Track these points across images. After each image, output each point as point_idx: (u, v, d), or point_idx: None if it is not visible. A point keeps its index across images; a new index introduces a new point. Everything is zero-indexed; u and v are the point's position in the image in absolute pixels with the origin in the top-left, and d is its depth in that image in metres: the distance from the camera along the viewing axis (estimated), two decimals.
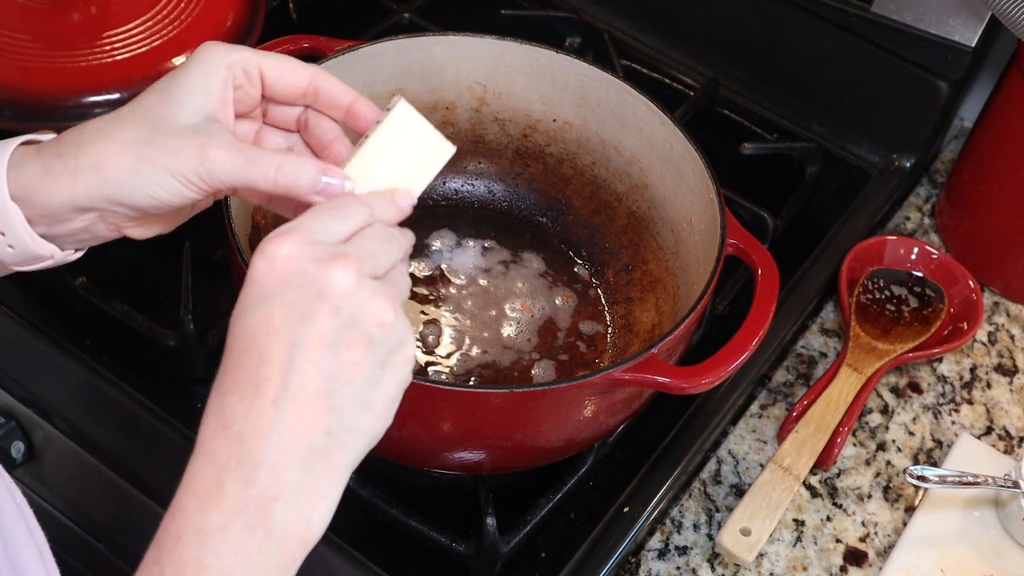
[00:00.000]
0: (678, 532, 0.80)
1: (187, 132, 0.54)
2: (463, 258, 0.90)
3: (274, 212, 0.63)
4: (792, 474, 0.81)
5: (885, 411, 0.90)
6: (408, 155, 0.59)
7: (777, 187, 1.01)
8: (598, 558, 0.76)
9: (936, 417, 0.91)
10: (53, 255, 0.58)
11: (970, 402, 0.92)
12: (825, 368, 0.92)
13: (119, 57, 0.93)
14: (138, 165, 0.53)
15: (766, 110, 1.10)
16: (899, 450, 0.88)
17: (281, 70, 0.58)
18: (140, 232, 0.60)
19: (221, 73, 0.55)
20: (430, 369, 0.82)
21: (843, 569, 0.80)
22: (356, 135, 0.60)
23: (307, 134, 0.61)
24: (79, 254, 0.61)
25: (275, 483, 0.47)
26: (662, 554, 0.79)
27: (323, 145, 0.60)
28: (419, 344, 0.83)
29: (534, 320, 0.86)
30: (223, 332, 0.51)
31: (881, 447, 0.88)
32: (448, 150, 0.61)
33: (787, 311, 0.92)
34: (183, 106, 0.54)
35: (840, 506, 0.84)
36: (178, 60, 0.94)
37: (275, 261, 0.49)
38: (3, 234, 0.56)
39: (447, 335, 0.84)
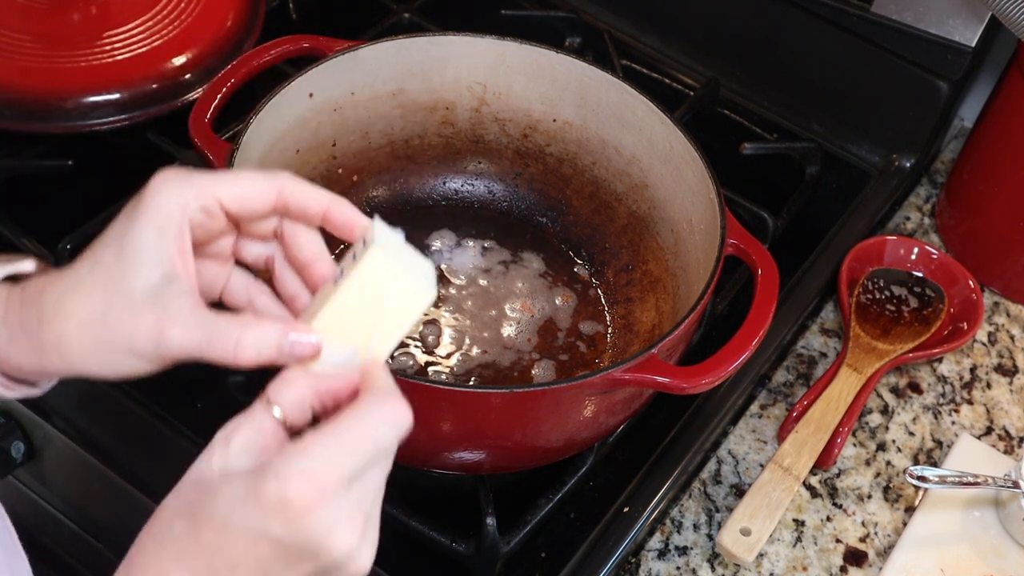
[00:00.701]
0: (678, 532, 0.80)
1: (144, 304, 0.51)
2: (463, 258, 0.90)
3: None
4: (792, 474, 0.81)
5: (885, 411, 0.90)
6: (388, 295, 0.54)
7: (777, 187, 1.01)
8: (598, 558, 0.76)
9: (936, 417, 0.91)
10: (26, 394, 0.57)
11: (970, 402, 0.92)
12: (825, 368, 0.92)
13: (119, 57, 0.93)
14: (97, 348, 0.52)
15: (766, 110, 1.10)
16: (899, 450, 0.88)
17: (243, 196, 0.53)
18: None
19: (175, 219, 0.51)
20: (430, 369, 0.82)
21: (843, 569, 0.80)
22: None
23: (286, 247, 0.57)
24: (54, 382, 0.59)
25: None
26: (662, 554, 0.79)
27: (303, 265, 0.57)
28: (419, 344, 0.83)
29: (534, 320, 0.86)
30: None
31: (881, 447, 0.88)
32: (429, 286, 0.55)
33: (787, 311, 0.92)
34: (139, 265, 0.51)
35: (840, 506, 0.84)
36: (178, 60, 0.94)
37: (288, 508, 0.46)
38: None
39: (447, 335, 0.84)
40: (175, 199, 0.51)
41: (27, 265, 0.56)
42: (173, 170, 0.53)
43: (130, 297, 0.51)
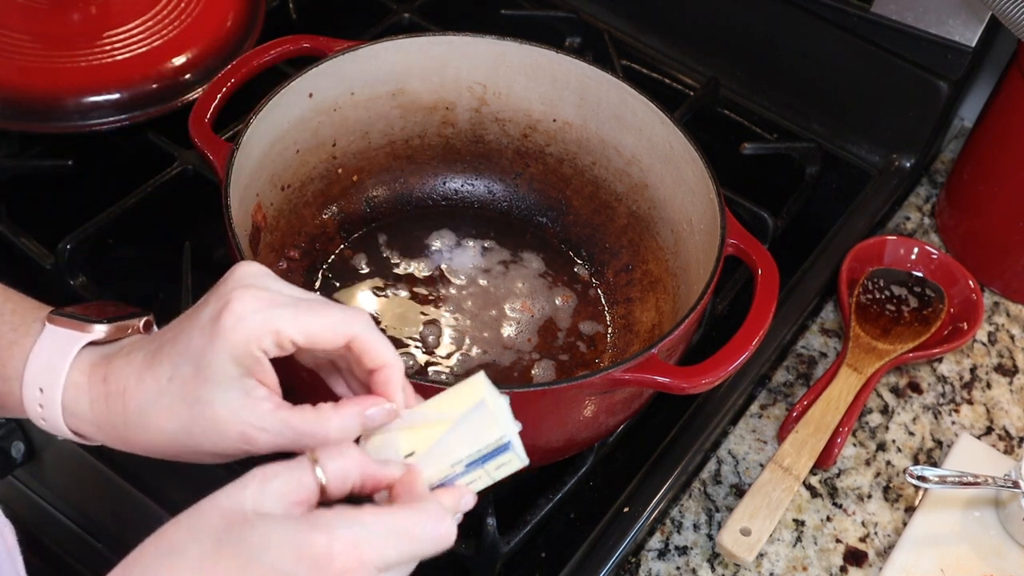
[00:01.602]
0: (678, 532, 0.80)
1: (227, 419, 0.52)
2: (463, 258, 0.90)
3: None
4: (792, 474, 0.81)
5: (885, 411, 0.90)
6: (467, 419, 0.54)
7: (777, 187, 1.01)
8: (598, 558, 0.76)
9: (936, 417, 0.91)
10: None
11: (970, 402, 0.92)
12: (825, 368, 0.92)
13: (119, 57, 0.93)
14: (183, 453, 0.55)
15: (766, 110, 1.10)
16: (899, 450, 0.88)
17: (317, 337, 0.53)
18: None
19: (251, 353, 0.52)
20: (430, 369, 0.82)
21: (843, 569, 0.80)
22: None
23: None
24: None
25: None
26: (662, 554, 0.79)
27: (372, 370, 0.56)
28: (419, 344, 0.83)
29: (534, 320, 0.86)
30: None
31: (881, 447, 0.88)
32: (505, 436, 0.54)
33: (787, 311, 0.92)
34: (217, 386, 0.52)
35: (840, 506, 0.84)
36: (178, 60, 0.94)
37: (327, 566, 0.47)
38: (44, 419, 0.57)
39: (447, 335, 0.84)
40: (253, 337, 0.52)
41: (99, 330, 0.57)
42: (255, 294, 0.52)
43: (212, 412, 0.52)
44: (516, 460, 0.55)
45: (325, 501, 0.51)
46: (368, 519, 0.48)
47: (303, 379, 0.59)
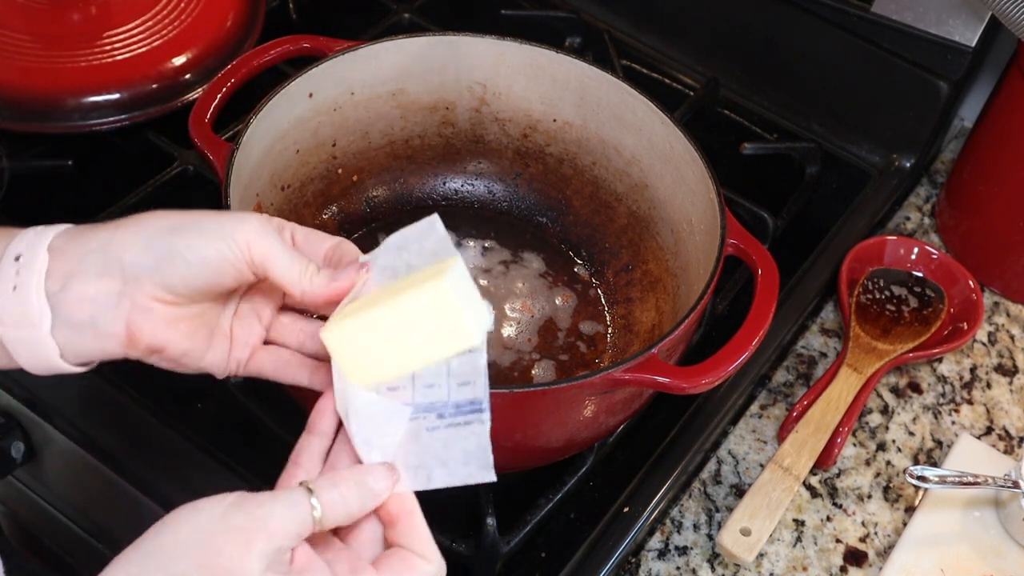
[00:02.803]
0: (678, 532, 0.80)
1: (223, 216, 0.56)
2: (463, 258, 0.89)
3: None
4: (792, 474, 0.81)
5: (885, 411, 0.90)
6: (424, 329, 0.55)
7: (777, 187, 1.01)
8: (598, 558, 0.76)
9: (936, 417, 0.91)
10: (67, 368, 0.57)
11: (970, 402, 0.92)
12: (825, 368, 0.92)
13: (119, 57, 0.93)
14: (181, 229, 0.56)
15: (766, 110, 1.10)
16: (899, 450, 0.88)
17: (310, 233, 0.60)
18: (167, 336, 0.58)
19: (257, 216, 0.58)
20: None
21: (843, 569, 0.80)
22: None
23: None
24: (82, 369, 0.59)
25: None
26: (662, 554, 0.79)
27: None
28: None
29: (534, 320, 0.86)
30: None
31: (881, 447, 0.88)
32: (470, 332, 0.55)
33: (787, 311, 0.92)
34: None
35: (840, 506, 0.84)
36: (178, 60, 0.94)
37: None
38: (21, 256, 0.57)
39: None
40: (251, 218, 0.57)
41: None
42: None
43: (209, 216, 0.56)
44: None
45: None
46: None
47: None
